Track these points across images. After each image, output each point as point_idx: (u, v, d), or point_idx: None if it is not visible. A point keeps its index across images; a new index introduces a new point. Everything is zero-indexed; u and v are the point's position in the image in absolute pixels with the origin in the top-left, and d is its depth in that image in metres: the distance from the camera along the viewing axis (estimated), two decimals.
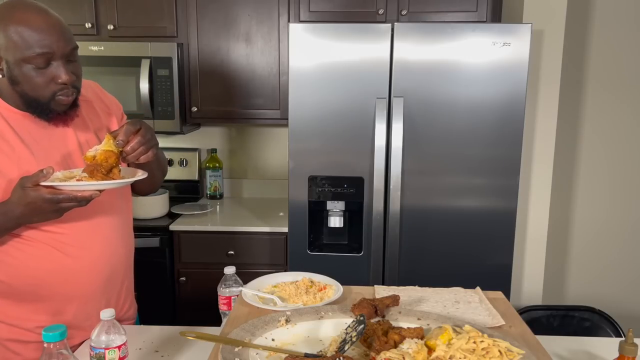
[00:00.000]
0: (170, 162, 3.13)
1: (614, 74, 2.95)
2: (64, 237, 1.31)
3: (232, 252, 2.66)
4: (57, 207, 1.19)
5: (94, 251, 1.36)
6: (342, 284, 1.39)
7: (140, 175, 1.32)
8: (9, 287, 1.31)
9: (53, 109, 1.28)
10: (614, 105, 2.98)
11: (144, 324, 1.56)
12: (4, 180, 1.25)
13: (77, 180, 1.22)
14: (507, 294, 2.14)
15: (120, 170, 1.27)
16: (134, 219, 1.60)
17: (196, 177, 3.18)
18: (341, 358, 0.97)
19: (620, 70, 2.94)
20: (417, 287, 1.42)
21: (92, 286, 1.38)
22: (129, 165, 1.37)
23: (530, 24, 2.17)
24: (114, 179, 1.25)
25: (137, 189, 1.60)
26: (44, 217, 1.22)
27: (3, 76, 1.26)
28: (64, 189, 1.18)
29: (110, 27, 2.75)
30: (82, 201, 1.20)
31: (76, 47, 1.29)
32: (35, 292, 1.32)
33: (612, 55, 2.93)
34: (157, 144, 1.34)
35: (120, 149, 1.25)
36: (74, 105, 1.33)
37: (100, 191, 1.23)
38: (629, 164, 3.04)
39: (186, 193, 3.17)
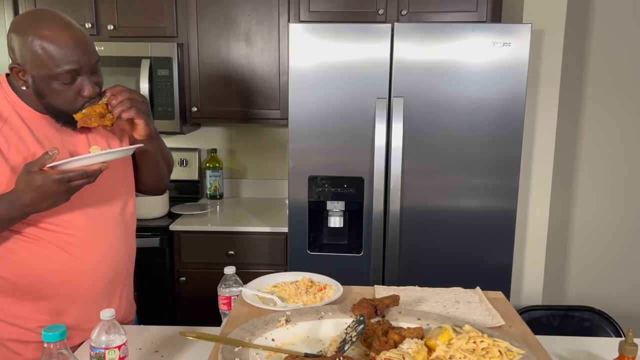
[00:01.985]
0: None
1: (613, 73, 2.95)
2: (70, 237, 1.31)
3: (232, 252, 2.66)
4: (67, 187, 1.18)
5: (98, 253, 1.36)
6: (342, 284, 1.39)
7: (139, 144, 1.36)
8: (13, 284, 1.31)
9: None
10: (614, 105, 2.98)
11: (144, 324, 1.56)
12: (16, 177, 1.24)
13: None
14: (507, 294, 2.14)
15: (113, 118, 1.31)
16: None
17: (196, 177, 3.18)
18: (341, 358, 0.97)
19: (620, 70, 2.95)
20: (417, 287, 1.42)
21: (95, 288, 1.38)
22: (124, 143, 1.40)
23: (530, 24, 2.17)
24: (108, 124, 1.30)
25: (145, 186, 1.60)
26: (53, 201, 1.20)
27: (27, 87, 1.27)
28: (71, 166, 1.18)
29: (110, 27, 2.75)
30: (92, 176, 1.21)
31: (99, 59, 1.31)
32: (38, 291, 1.32)
33: (612, 55, 2.93)
34: (148, 113, 1.36)
35: (106, 102, 1.30)
36: None
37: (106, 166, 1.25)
38: (629, 163, 3.04)
39: (186, 193, 3.17)
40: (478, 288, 1.41)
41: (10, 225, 1.25)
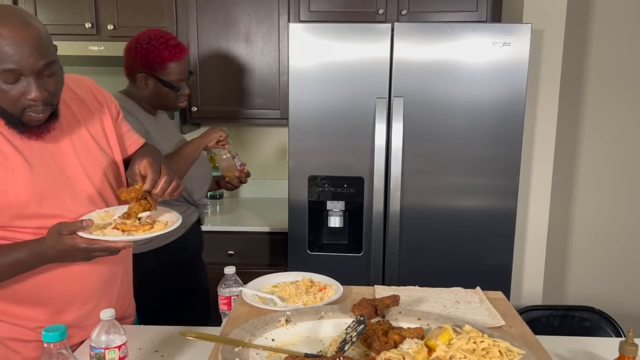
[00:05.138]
0: None
1: (614, 73, 2.95)
2: None
3: (232, 252, 2.66)
4: (89, 256, 1.22)
5: None
6: (342, 284, 1.39)
7: (177, 222, 1.30)
8: (10, 288, 1.31)
9: (25, 123, 1.24)
10: (614, 105, 2.98)
11: (143, 324, 1.56)
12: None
13: (114, 227, 1.24)
14: (507, 294, 2.14)
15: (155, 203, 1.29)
16: None
17: None
18: (341, 358, 0.97)
19: (620, 70, 2.94)
20: (417, 287, 1.42)
21: (92, 286, 1.38)
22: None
23: (530, 24, 2.17)
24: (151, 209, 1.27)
25: None
26: (73, 261, 1.26)
27: None
28: (99, 240, 1.19)
29: (110, 27, 2.75)
30: (115, 251, 1.23)
31: (52, 62, 1.21)
32: (36, 292, 1.32)
33: (612, 54, 2.93)
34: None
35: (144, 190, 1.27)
36: (53, 116, 1.28)
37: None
38: (629, 163, 3.04)
39: None
40: (478, 288, 1.41)
41: (30, 270, 1.28)
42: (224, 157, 2.09)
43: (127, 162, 1.46)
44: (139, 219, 1.26)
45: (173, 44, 1.90)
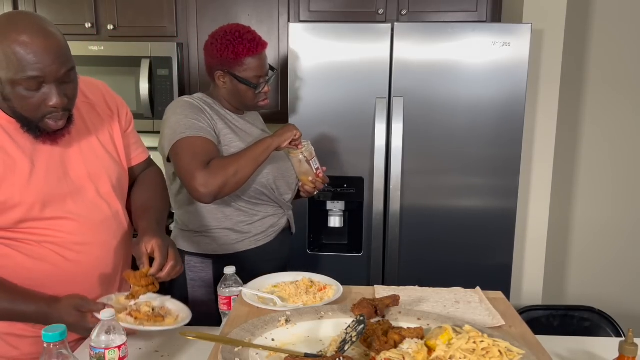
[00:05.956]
0: None
1: (613, 73, 2.95)
2: (62, 240, 1.31)
3: None
4: (89, 334, 1.21)
5: (92, 255, 1.36)
6: (342, 284, 1.39)
7: (186, 319, 1.34)
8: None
9: (42, 129, 1.26)
10: (614, 105, 2.98)
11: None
12: (4, 193, 1.24)
13: (128, 313, 1.28)
14: (507, 294, 2.14)
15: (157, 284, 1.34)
16: None
17: None
18: (341, 358, 0.97)
19: (620, 70, 2.94)
20: (417, 287, 1.42)
21: (90, 289, 1.38)
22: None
23: (530, 24, 2.17)
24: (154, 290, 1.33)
25: None
26: (71, 331, 1.23)
27: None
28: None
29: (110, 27, 2.75)
30: None
31: (72, 69, 1.24)
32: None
33: (612, 54, 2.93)
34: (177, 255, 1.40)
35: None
36: (68, 121, 1.29)
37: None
38: (629, 163, 3.04)
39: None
40: (478, 288, 1.41)
41: (26, 322, 1.30)
42: (298, 158, 1.88)
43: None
44: (153, 309, 1.32)
45: (249, 39, 1.76)
